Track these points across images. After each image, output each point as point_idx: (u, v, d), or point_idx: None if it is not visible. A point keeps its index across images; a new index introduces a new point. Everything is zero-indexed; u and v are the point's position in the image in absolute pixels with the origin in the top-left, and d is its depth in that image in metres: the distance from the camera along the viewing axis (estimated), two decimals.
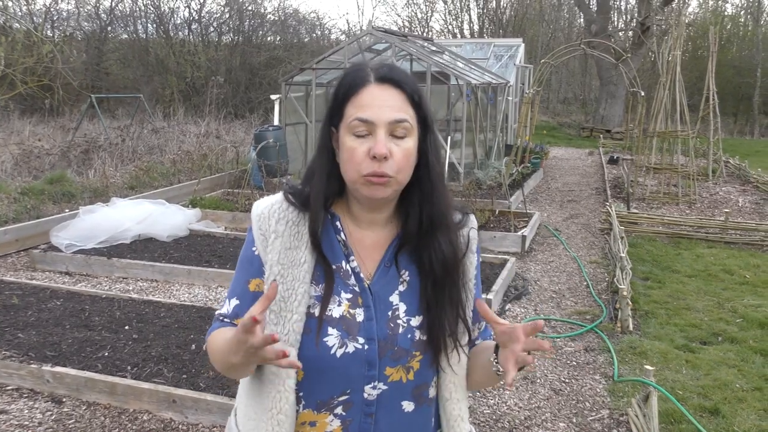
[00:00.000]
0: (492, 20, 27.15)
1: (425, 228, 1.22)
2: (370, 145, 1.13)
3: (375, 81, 1.16)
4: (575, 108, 27.13)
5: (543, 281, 5.81)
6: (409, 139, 1.16)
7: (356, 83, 1.17)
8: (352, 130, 1.15)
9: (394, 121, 1.14)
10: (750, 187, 10.16)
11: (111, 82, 18.98)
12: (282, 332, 1.17)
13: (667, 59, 9.63)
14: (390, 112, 1.14)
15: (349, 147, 1.15)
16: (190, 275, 5.54)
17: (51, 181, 8.45)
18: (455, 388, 1.27)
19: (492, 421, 3.45)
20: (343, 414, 1.19)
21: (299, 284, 1.18)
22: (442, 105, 10.72)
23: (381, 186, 1.15)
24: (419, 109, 1.19)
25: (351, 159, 1.15)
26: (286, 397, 1.18)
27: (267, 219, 1.22)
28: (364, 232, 1.25)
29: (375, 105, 1.14)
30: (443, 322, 1.21)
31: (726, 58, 22.67)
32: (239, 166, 10.10)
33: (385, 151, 1.12)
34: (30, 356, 3.79)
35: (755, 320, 4.86)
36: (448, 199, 1.24)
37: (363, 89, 1.16)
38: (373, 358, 1.18)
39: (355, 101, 1.16)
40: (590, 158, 14.57)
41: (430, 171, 1.20)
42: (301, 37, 22.08)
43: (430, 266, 1.21)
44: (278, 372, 1.17)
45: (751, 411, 3.55)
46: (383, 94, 1.15)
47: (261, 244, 1.22)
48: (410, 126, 1.16)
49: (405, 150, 1.15)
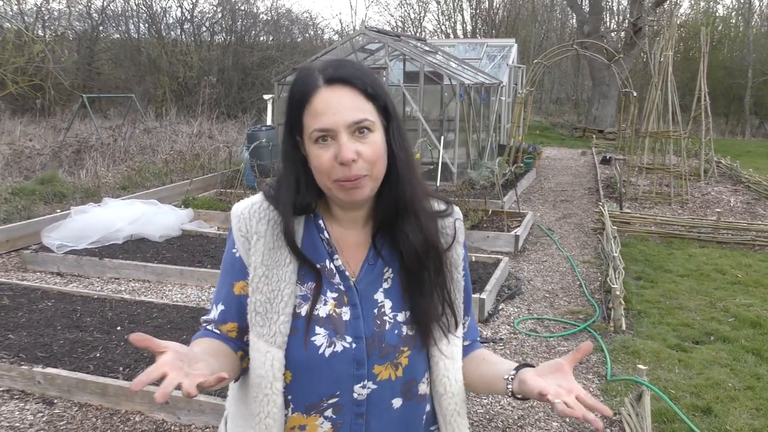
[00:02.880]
0: (485, 20, 27.19)
1: (392, 215, 1.20)
2: (335, 150, 1.11)
3: (324, 84, 1.13)
4: (568, 108, 27.20)
5: (536, 281, 5.82)
6: (374, 133, 1.14)
7: (306, 91, 1.13)
8: (314, 139, 1.12)
9: (352, 123, 1.11)
10: (741, 187, 10.22)
11: (103, 82, 18.90)
12: (268, 334, 1.15)
13: (659, 60, 9.67)
14: (346, 114, 1.11)
15: (315, 155, 1.13)
16: (182, 275, 5.52)
17: (42, 182, 8.40)
18: (449, 382, 1.25)
19: (485, 421, 3.45)
20: (333, 417, 1.18)
21: (285, 285, 1.17)
22: (435, 105, 10.73)
23: (357, 188, 1.14)
24: (376, 99, 1.15)
25: (319, 168, 1.13)
26: (273, 400, 1.16)
27: (248, 219, 1.20)
28: (347, 231, 1.24)
29: (330, 111, 1.11)
30: (425, 309, 1.20)
31: (717, 59, 22.76)
32: (232, 166, 10.07)
33: (351, 155, 1.10)
34: (21, 357, 3.77)
35: (747, 319, 4.88)
36: (417, 186, 1.21)
37: (314, 96, 1.13)
38: (362, 356, 1.17)
39: (310, 110, 1.13)
40: (583, 158, 14.61)
41: (396, 159, 1.18)
42: (294, 37, 22.06)
43: (404, 253, 1.20)
44: (265, 374, 1.15)
45: (743, 410, 3.56)
46: (335, 97, 1.12)
47: (242, 246, 1.20)
48: (371, 121, 1.13)
49: (372, 145, 1.13)
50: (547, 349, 4.37)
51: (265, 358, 1.15)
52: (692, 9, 27.74)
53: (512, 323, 4.80)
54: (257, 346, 1.17)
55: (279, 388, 1.16)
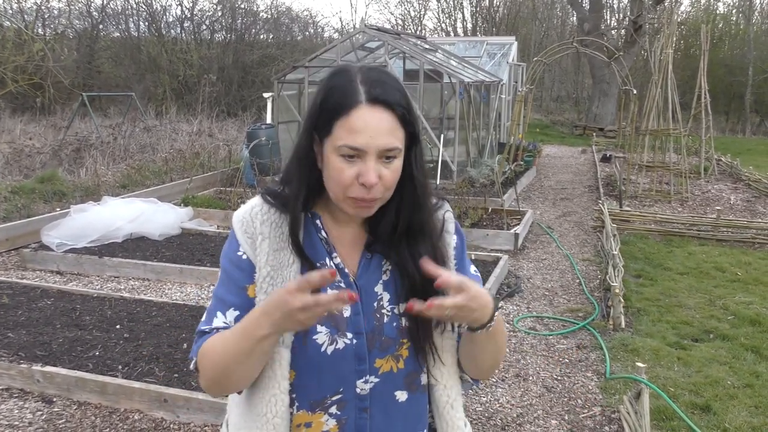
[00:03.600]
0: (485, 18, 27.18)
1: (400, 233, 1.21)
2: (359, 168, 1.10)
3: (366, 102, 1.10)
4: (568, 106, 27.19)
5: (536, 279, 5.82)
6: (398, 159, 1.14)
7: (346, 102, 1.11)
8: (340, 151, 1.11)
9: (385, 150, 1.10)
10: (741, 184, 10.21)
11: (103, 80, 18.89)
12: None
13: (659, 57, 9.66)
14: (381, 140, 1.10)
15: (336, 168, 1.12)
16: (182, 274, 5.52)
17: (42, 180, 8.40)
18: (441, 373, 1.25)
19: (484, 419, 3.45)
20: (338, 413, 1.19)
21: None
22: (435, 103, 10.72)
23: (368, 208, 1.16)
24: (409, 126, 1.15)
25: (338, 180, 1.12)
26: (281, 399, 1.17)
27: (251, 222, 1.21)
28: (344, 229, 1.24)
29: (367, 132, 1.09)
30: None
31: (718, 56, 22.74)
32: (232, 165, 10.07)
33: (376, 180, 1.10)
34: (20, 356, 3.77)
35: (746, 317, 4.88)
36: (430, 209, 1.23)
37: (354, 111, 1.10)
38: (362, 351, 1.18)
39: (344, 123, 1.10)
40: (583, 156, 14.61)
41: (414, 182, 1.19)
42: (294, 36, 22.07)
43: (409, 269, 1.20)
44: (273, 374, 1.16)
45: (742, 407, 3.57)
46: (374, 118, 1.10)
47: (249, 247, 1.20)
48: (400, 150, 1.14)
49: (394, 171, 1.14)
50: (547, 347, 4.37)
51: (273, 359, 1.16)
52: (693, 6, 27.73)
53: (512, 321, 4.80)
54: None
55: (286, 387, 1.17)
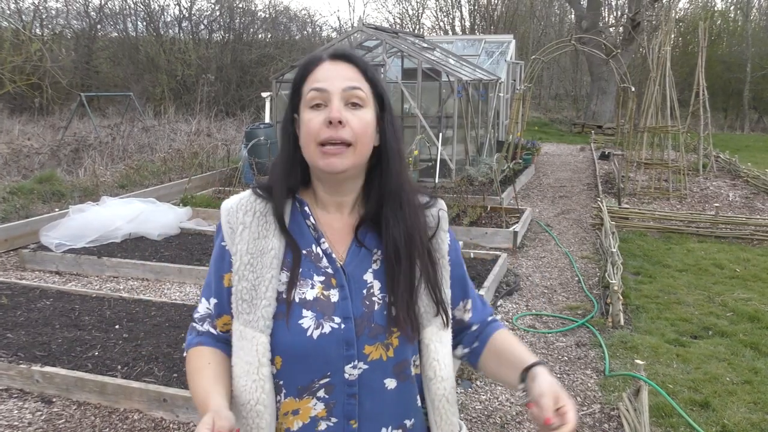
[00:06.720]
0: (483, 17, 27.14)
1: (380, 205, 1.24)
2: (327, 114, 1.16)
3: (329, 58, 1.21)
4: (566, 104, 27.19)
5: (534, 277, 5.82)
6: (366, 110, 1.19)
7: (311, 63, 1.22)
8: (309, 103, 1.18)
9: (348, 88, 1.17)
10: (740, 181, 10.22)
11: (101, 80, 18.88)
12: (252, 320, 1.17)
13: (657, 55, 9.66)
14: (343, 81, 1.18)
15: (306, 119, 1.18)
16: (181, 274, 5.52)
17: (40, 181, 8.39)
18: (439, 366, 1.25)
19: (484, 417, 3.45)
20: (326, 397, 1.18)
21: (267, 270, 1.19)
22: (433, 101, 10.71)
23: (337, 156, 1.16)
24: (374, 85, 1.22)
25: (308, 130, 1.17)
26: (261, 386, 1.17)
27: (235, 212, 1.25)
28: (333, 216, 1.26)
29: (329, 77, 1.18)
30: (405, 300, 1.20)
31: (716, 53, 22.74)
32: (230, 164, 10.06)
33: (339, 115, 1.15)
34: (19, 356, 3.77)
35: (745, 314, 4.89)
36: (406, 178, 1.25)
37: (317, 67, 1.21)
38: (351, 336, 1.17)
39: (310, 78, 1.20)
40: (581, 154, 14.61)
41: (388, 149, 1.23)
42: (292, 35, 22.02)
43: (387, 243, 1.22)
44: (252, 361, 1.17)
45: (741, 404, 3.57)
46: (337, 68, 1.20)
47: (229, 238, 1.24)
48: (365, 95, 1.19)
49: (361, 119, 1.18)
50: (546, 345, 4.37)
51: (251, 345, 1.17)
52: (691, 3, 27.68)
53: (511, 319, 4.80)
54: (244, 333, 1.18)
55: (266, 373, 1.17)
